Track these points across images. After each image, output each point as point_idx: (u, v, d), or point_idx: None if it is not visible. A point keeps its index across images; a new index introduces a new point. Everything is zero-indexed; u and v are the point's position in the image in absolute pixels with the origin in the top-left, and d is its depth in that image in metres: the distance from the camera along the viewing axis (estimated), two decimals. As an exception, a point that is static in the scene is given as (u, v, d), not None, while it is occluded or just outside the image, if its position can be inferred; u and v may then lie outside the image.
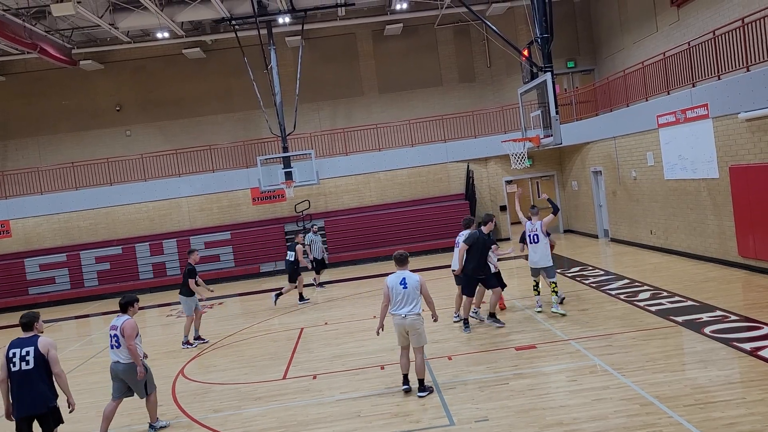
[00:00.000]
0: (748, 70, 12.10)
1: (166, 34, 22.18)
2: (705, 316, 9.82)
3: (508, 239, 22.10)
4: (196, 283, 12.14)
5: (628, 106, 17.29)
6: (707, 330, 9.09)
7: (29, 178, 23.24)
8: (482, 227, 10.84)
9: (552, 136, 11.21)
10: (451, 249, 19.41)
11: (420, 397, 7.86)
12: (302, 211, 23.00)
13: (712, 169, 13.48)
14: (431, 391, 8.00)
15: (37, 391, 6.33)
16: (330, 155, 23.28)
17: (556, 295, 11.09)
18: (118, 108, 24.68)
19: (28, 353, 6.39)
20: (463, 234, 11.02)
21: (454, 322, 11.33)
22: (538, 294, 11.57)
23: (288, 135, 21.65)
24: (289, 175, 20.57)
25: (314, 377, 9.29)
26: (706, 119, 13.42)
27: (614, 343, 9.06)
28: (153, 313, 18.08)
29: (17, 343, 6.50)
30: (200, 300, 12.37)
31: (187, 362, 11.19)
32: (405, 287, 7.85)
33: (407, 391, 8.05)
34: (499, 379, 8.18)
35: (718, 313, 9.95)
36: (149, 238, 22.80)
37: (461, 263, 10.74)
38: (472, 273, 10.61)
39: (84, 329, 17.25)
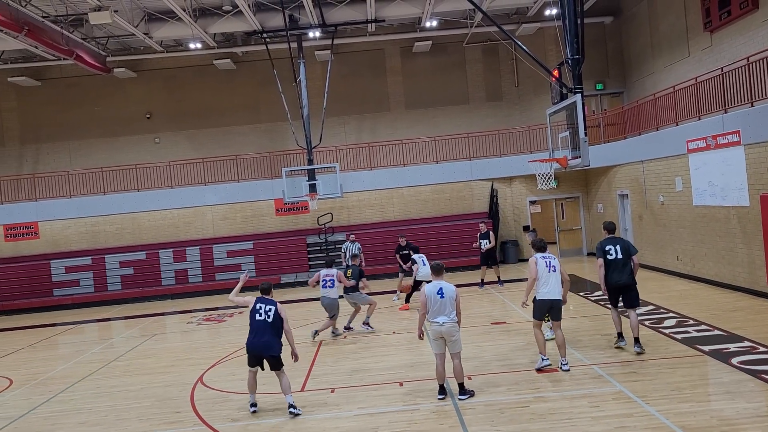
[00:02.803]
0: (782, 98, 11.92)
1: (199, 45, 22.57)
2: (732, 347, 9.60)
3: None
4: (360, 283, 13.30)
5: (657, 130, 17.12)
6: (735, 360, 8.88)
7: (59, 182, 23.67)
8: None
9: (580, 157, 11.11)
10: (474, 267, 19.40)
11: (461, 400, 8.22)
12: (324, 224, 23.08)
13: (743, 196, 13.25)
14: (472, 395, 8.34)
15: (269, 340, 8.31)
16: (354, 169, 23.37)
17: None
18: (148, 116, 25.09)
19: (270, 310, 8.39)
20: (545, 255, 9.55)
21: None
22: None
23: (313, 148, 21.79)
24: (313, 188, 20.66)
25: (332, 391, 9.25)
26: (738, 146, 13.22)
27: (639, 370, 8.89)
28: (174, 319, 18.21)
29: (262, 301, 8.49)
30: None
31: (206, 369, 11.23)
32: (442, 296, 8.19)
33: (442, 399, 8.31)
34: (519, 401, 8.06)
35: (746, 343, 9.72)
36: (173, 245, 23.02)
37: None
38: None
39: (105, 332, 17.43)
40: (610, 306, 10.21)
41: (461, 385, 8.38)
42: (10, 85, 24.23)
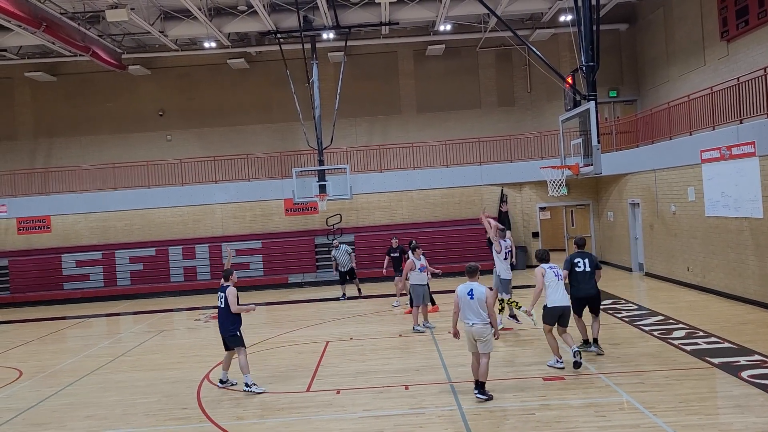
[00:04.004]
0: (798, 110, 11.82)
1: (213, 44, 22.67)
2: (742, 360, 9.52)
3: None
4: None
5: (670, 139, 17.02)
6: (744, 374, 8.81)
7: (71, 177, 23.84)
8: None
9: (592, 165, 11.07)
10: (483, 272, 19.38)
11: (477, 398, 8.39)
12: (333, 225, 23.10)
13: (756, 208, 13.14)
14: (491, 398, 8.41)
15: (223, 323, 9.70)
16: (364, 171, 23.39)
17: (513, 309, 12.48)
18: (160, 113, 25.20)
19: (221, 297, 9.64)
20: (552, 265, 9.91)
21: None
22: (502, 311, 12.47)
23: (324, 149, 21.81)
24: (322, 189, 20.69)
25: (338, 392, 9.25)
26: (753, 157, 13.11)
27: (646, 380, 8.83)
28: (182, 316, 18.29)
29: (220, 289, 9.74)
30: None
31: (213, 367, 11.24)
32: (472, 297, 8.37)
33: (477, 392, 8.51)
34: (525, 408, 8.03)
35: (757, 357, 9.63)
36: (182, 242, 23.13)
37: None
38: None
39: (114, 327, 17.51)
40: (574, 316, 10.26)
41: (482, 384, 8.48)
42: (25, 79, 24.42)
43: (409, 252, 14.76)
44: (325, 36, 22.30)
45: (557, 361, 9.62)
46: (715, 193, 14.72)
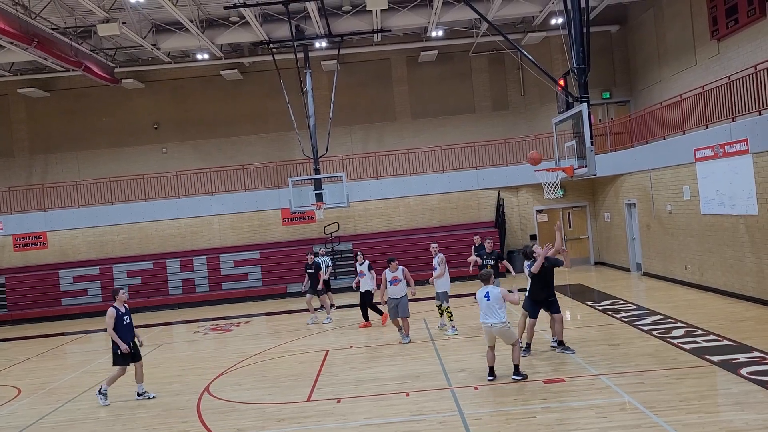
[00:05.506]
0: (790, 106, 11.86)
1: (206, 56, 22.73)
2: (741, 357, 9.52)
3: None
4: None
5: (664, 139, 17.07)
6: (744, 371, 8.80)
7: (67, 192, 23.80)
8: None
9: (586, 166, 11.09)
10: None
11: (514, 380, 9.22)
12: (331, 234, 23.10)
13: (751, 205, 13.17)
14: (525, 377, 9.27)
15: None
16: (361, 179, 23.39)
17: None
18: (155, 126, 25.22)
19: None
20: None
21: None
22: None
23: (320, 157, 21.83)
24: (319, 197, 20.68)
25: (338, 401, 9.23)
26: (746, 155, 13.16)
27: (646, 380, 8.82)
28: (181, 328, 18.23)
29: None
30: None
31: (213, 379, 11.22)
32: (488, 299, 9.20)
33: (492, 380, 9.31)
34: (526, 411, 8.02)
35: (756, 354, 9.63)
36: (180, 255, 23.08)
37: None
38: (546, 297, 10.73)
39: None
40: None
41: (516, 367, 9.35)
42: (19, 96, 24.42)
43: (360, 265, 14.83)
44: (317, 45, 22.36)
45: (527, 344, 10.94)
46: (710, 191, 14.76)
